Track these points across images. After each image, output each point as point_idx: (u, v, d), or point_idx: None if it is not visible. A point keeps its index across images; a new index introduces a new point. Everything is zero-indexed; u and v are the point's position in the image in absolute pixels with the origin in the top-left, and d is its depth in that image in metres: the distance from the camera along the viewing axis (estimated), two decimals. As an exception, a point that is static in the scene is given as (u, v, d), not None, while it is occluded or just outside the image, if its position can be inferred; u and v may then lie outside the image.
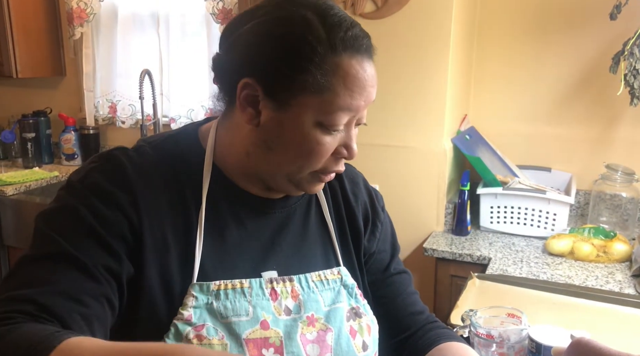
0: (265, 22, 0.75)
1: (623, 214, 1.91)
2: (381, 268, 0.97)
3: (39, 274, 0.68)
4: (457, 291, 1.72)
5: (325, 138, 0.77)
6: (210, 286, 0.77)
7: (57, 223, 0.73)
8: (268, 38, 0.75)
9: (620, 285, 1.54)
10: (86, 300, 0.68)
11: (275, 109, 0.76)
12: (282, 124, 0.76)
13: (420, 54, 1.90)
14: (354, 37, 0.76)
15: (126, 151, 0.80)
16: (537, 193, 1.87)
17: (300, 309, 0.82)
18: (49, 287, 0.67)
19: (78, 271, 0.69)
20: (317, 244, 0.89)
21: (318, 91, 0.74)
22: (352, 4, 1.93)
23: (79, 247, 0.70)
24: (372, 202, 0.98)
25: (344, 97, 0.75)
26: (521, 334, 0.93)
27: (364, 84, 0.77)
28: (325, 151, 0.77)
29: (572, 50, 2.06)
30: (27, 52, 2.72)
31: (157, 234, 0.76)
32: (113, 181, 0.75)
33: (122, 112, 2.79)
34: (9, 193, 2.40)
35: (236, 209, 0.83)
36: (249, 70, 0.76)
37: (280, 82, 0.74)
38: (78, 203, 0.73)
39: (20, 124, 2.81)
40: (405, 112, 1.96)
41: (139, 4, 2.66)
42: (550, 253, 1.76)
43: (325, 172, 0.81)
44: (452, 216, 1.99)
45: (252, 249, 0.83)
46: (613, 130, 2.06)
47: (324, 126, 0.76)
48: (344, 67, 0.75)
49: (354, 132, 0.80)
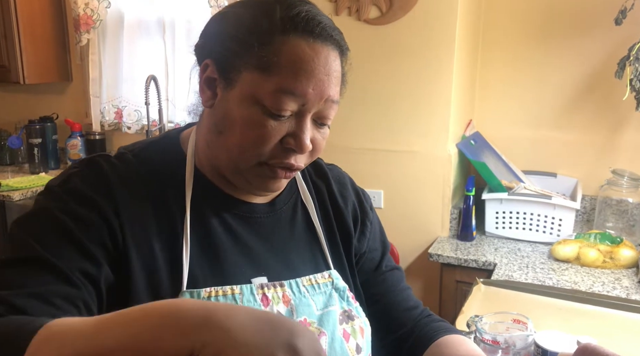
0: (231, 5, 0.78)
1: (629, 220, 1.90)
2: (373, 267, 0.97)
3: (10, 277, 0.66)
4: (462, 297, 1.72)
5: (269, 122, 0.73)
6: (201, 294, 0.76)
7: (32, 228, 0.71)
8: (227, 19, 0.76)
9: (627, 291, 1.53)
10: (59, 302, 0.66)
11: (224, 89, 0.75)
12: (228, 103, 0.75)
13: (425, 59, 1.90)
14: (307, 19, 0.72)
15: (108, 157, 0.78)
16: (543, 199, 1.87)
17: (292, 314, 0.81)
18: (20, 289, 0.64)
19: (52, 274, 0.67)
20: (305, 248, 0.88)
21: (261, 68, 0.72)
22: (356, 9, 1.94)
23: (55, 251, 0.68)
24: (360, 202, 0.97)
25: (287, 78, 0.71)
26: (527, 340, 0.93)
27: (312, 69, 0.72)
28: (268, 136, 0.73)
29: (577, 55, 2.06)
30: (34, 59, 2.74)
31: (142, 243, 0.74)
32: (94, 187, 0.73)
33: (128, 118, 2.80)
34: (16, 198, 2.41)
35: (221, 214, 0.82)
36: (209, 51, 0.77)
37: (228, 59, 0.74)
38: (55, 207, 0.71)
39: (27, 129, 2.83)
40: (410, 117, 1.96)
41: (145, 10, 2.68)
42: (556, 258, 1.75)
43: (274, 164, 0.76)
44: (457, 222, 1.99)
45: (240, 256, 0.81)
46: (619, 135, 2.06)
47: (266, 107, 0.72)
48: (290, 46, 0.72)
49: (311, 127, 0.76)
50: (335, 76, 0.75)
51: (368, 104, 1.99)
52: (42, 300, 0.65)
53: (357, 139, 2.01)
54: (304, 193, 0.92)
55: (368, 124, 2.00)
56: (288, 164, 0.76)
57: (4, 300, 0.63)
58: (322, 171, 0.96)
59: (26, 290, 0.65)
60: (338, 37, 0.75)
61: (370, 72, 1.96)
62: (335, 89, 0.76)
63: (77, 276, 0.68)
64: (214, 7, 2.44)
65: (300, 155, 0.77)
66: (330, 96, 0.75)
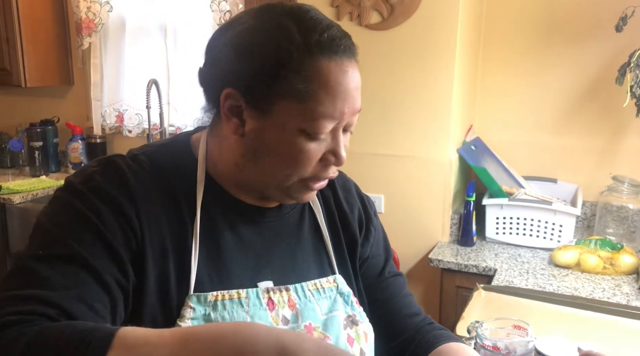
0: (242, 31, 0.76)
1: (630, 226, 1.90)
2: (376, 272, 0.97)
3: (49, 275, 0.65)
4: (462, 303, 1.71)
5: (310, 145, 0.75)
6: (208, 297, 0.76)
7: (64, 223, 0.71)
8: (245, 47, 0.74)
9: (628, 298, 1.52)
10: (99, 308, 0.67)
11: (258, 118, 0.75)
12: (265, 133, 0.75)
13: (426, 65, 1.90)
14: (330, 39, 0.73)
15: (125, 158, 0.79)
16: (543, 204, 1.87)
17: (297, 318, 0.81)
18: (66, 291, 0.64)
19: (90, 276, 0.67)
20: (311, 253, 0.89)
21: (297, 97, 0.72)
22: (358, 15, 1.95)
23: (90, 250, 0.69)
24: (365, 208, 0.98)
25: (326, 103, 0.73)
26: (527, 346, 0.92)
27: (345, 89, 0.74)
28: (311, 159, 0.76)
29: (578, 61, 2.06)
30: (35, 62, 2.75)
31: (156, 244, 0.75)
32: (116, 187, 0.74)
33: (129, 122, 2.80)
34: (16, 201, 2.41)
35: (230, 218, 0.82)
36: (229, 80, 0.76)
37: (259, 90, 0.74)
38: (85, 207, 0.71)
39: (28, 132, 2.83)
40: (411, 122, 1.96)
41: (147, 14, 2.68)
42: (557, 264, 1.75)
43: (314, 179, 0.79)
44: (457, 227, 1.99)
45: (247, 259, 0.82)
46: (619, 141, 2.06)
47: (307, 133, 0.74)
48: (323, 71, 0.72)
49: (342, 139, 0.79)
50: (359, 87, 0.77)
51: (369, 109, 1.99)
52: (87, 305, 0.65)
53: (358, 144, 2.01)
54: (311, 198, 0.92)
55: (369, 129, 2.00)
56: (328, 177, 0.81)
57: (53, 302, 0.63)
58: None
59: (72, 292, 0.65)
60: (353, 45, 0.77)
61: (371, 78, 1.96)
62: (360, 100, 0.78)
63: (111, 280, 0.69)
64: (216, 11, 2.45)
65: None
66: (357, 110, 0.78)
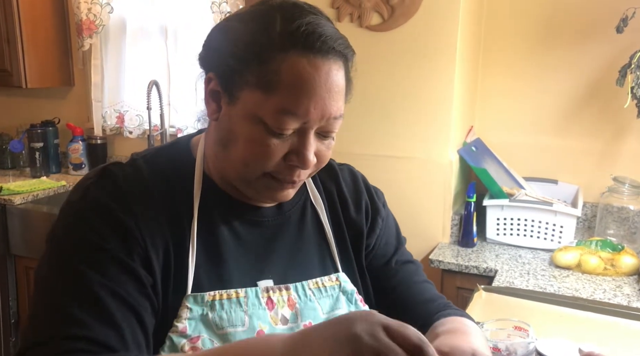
0: (232, 17, 0.76)
1: (631, 227, 1.89)
2: (383, 261, 0.95)
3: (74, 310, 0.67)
4: (463, 304, 1.71)
5: (272, 140, 0.72)
6: (205, 297, 0.76)
7: (74, 251, 0.71)
8: (227, 33, 0.75)
9: (629, 299, 1.52)
10: (125, 326, 0.69)
11: (228, 104, 0.75)
12: (231, 119, 0.75)
13: (427, 66, 1.90)
14: (306, 34, 0.69)
15: (121, 165, 0.79)
16: (544, 205, 1.86)
17: (297, 318, 0.81)
18: (93, 321, 0.66)
19: (112, 299, 0.69)
20: (314, 251, 0.88)
21: (263, 88, 0.70)
22: (358, 16, 1.95)
23: (104, 273, 0.70)
24: (372, 199, 0.96)
25: (288, 98, 0.70)
26: (528, 347, 0.92)
27: (313, 88, 0.70)
28: (270, 154, 0.73)
29: (579, 62, 2.06)
30: (36, 63, 2.75)
31: (159, 248, 0.75)
32: (112, 198, 0.74)
33: (129, 123, 2.80)
34: (17, 202, 2.41)
35: (229, 219, 0.82)
36: (212, 65, 0.76)
37: (230, 75, 0.73)
38: (87, 229, 0.72)
39: (29, 133, 2.83)
40: (412, 123, 1.96)
41: (148, 15, 2.68)
42: (557, 265, 1.74)
43: (279, 177, 0.77)
44: (458, 228, 1.98)
45: (247, 259, 0.82)
46: (620, 143, 2.06)
47: (268, 126, 0.71)
48: (290, 65, 0.69)
49: (313, 142, 0.75)
50: (337, 90, 0.73)
51: (369, 110, 1.99)
52: (117, 328, 0.67)
53: (358, 145, 2.01)
54: (313, 194, 0.91)
55: (369, 130, 2.00)
56: (291, 180, 0.77)
57: (88, 337, 0.65)
58: (332, 172, 0.95)
59: (99, 320, 0.67)
60: (340, 46, 0.73)
61: (371, 79, 1.96)
62: (338, 104, 0.74)
63: (130, 296, 0.70)
64: (216, 12, 2.45)
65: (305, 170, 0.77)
66: (332, 114, 0.73)
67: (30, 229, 2.40)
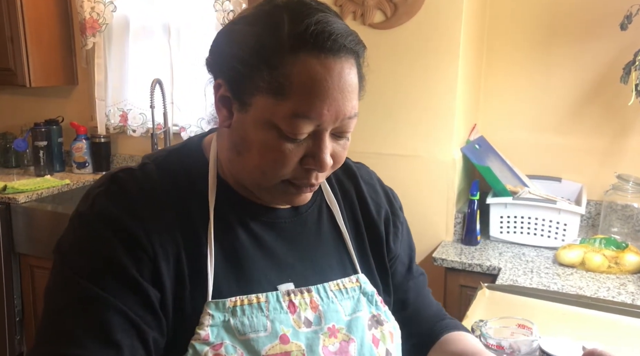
0: (239, 20, 0.74)
1: (635, 225, 1.89)
2: (404, 271, 0.96)
3: (74, 329, 0.67)
4: (466, 302, 1.71)
5: (287, 145, 0.70)
6: (226, 303, 0.74)
7: (81, 266, 0.70)
8: (235, 36, 0.72)
9: (633, 297, 1.52)
10: (128, 344, 0.68)
11: (240, 111, 0.73)
12: (244, 126, 0.72)
13: (430, 64, 1.90)
14: (316, 33, 0.67)
15: (131, 170, 0.77)
16: (548, 203, 1.86)
17: (320, 320, 0.79)
18: (95, 342, 0.66)
19: (116, 315, 0.68)
20: (332, 253, 0.86)
21: (274, 93, 0.68)
22: (361, 14, 1.94)
23: (111, 290, 0.69)
24: (390, 203, 0.95)
25: (301, 102, 0.68)
26: (532, 345, 0.92)
27: (326, 89, 0.68)
28: (287, 160, 0.72)
29: (583, 59, 2.06)
30: (40, 62, 2.75)
31: (170, 255, 0.73)
32: (121, 207, 0.72)
33: (133, 121, 2.81)
34: (21, 200, 2.42)
35: (246, 221, 0.80)
36: (220, 70, 0.74)
37: (240, 82, 0.71)
38: (96, 241, 0.71)
39: (33, 132, 2.84)
40: (415, 121, 1.96)
41: (151, 14, 2.69)
42: (561, 263, 1.74)
43: (296, 183, 0.75)
44: (461, 226, 1.98)
45: (265, 263, 0.79)
46: (624, 140, 2.05)
47: (282, 131, 0.69)
48: (300, 67, 0.67)
49: (329, 143, 0.73)
50: (350, 90, 0.71)
51: (372, 108, 1.99)
52: (118, 347, 0.67)
53: (361, 143, 2.01)
54: (328, 195, 0.89)
55: (372, 128, 2.00)
56: (309, 183, 0.76)
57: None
58: (350, 171, 0.94)
59: (102, 340, 0.66)
60: (351, 43, 0.70)
61: (374, 77, 1.94)
62: (351, 104, 0.72)
63: (135, 314, 0.69)
64: (219, 11, 2.45)
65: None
66: (346, 115, 0.72)
67: (35, 228, 2.40)
